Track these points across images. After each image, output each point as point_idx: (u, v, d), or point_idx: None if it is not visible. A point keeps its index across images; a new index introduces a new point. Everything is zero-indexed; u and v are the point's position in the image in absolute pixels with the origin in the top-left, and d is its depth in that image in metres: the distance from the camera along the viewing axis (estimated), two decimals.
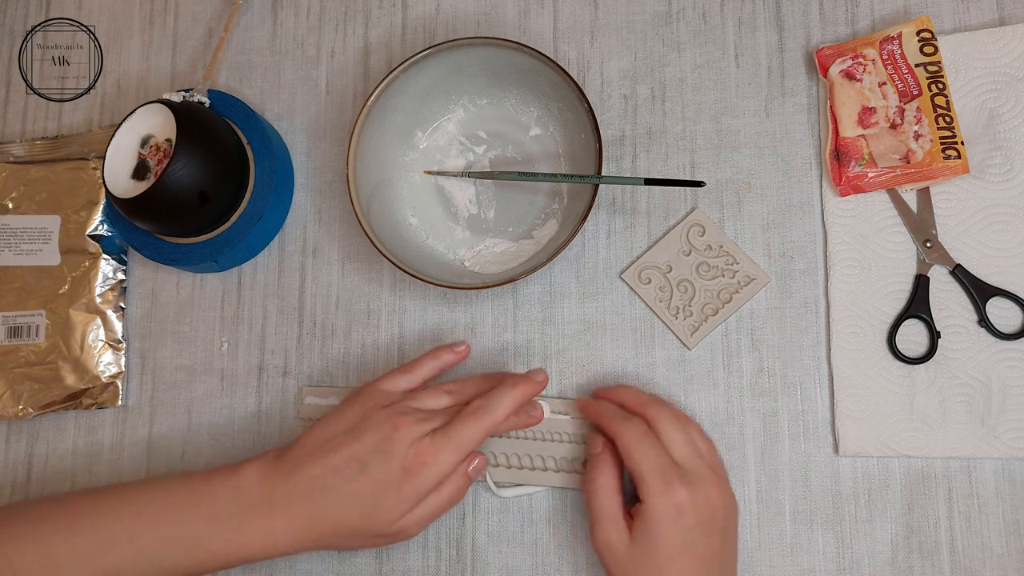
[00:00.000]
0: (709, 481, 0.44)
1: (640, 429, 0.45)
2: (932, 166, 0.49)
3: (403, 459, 0.44)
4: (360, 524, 0.45)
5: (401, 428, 0.45)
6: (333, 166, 0.59)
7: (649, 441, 0.45)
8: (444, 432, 0.45)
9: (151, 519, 0.45)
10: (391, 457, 0.44)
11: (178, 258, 0.56)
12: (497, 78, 0.55)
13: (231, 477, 0.46)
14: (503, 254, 0.55)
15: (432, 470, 0.44)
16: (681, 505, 0.43)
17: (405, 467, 0.44)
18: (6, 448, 0.59)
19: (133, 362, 0.59)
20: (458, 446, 0.44)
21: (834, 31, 0.54)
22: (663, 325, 0.53)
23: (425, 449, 0.44)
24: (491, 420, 0.45)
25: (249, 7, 0.62)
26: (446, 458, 0.44)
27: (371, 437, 0.45)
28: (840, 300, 0.51)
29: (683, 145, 0.55)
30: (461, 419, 0.45)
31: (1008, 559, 0.47)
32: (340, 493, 0.44)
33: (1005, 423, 0.48)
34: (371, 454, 0.44)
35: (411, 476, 0.44)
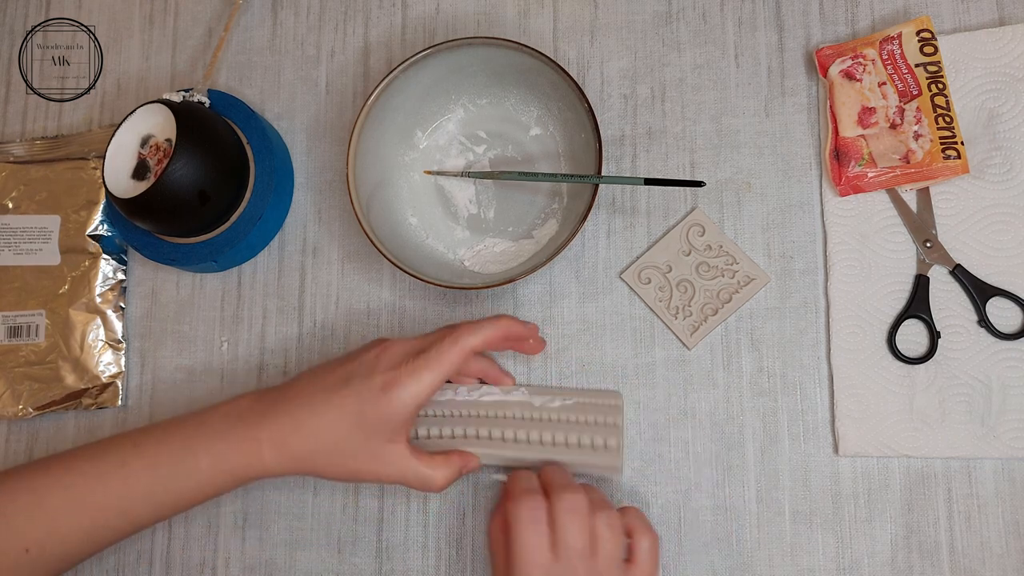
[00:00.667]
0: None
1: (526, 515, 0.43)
2: (932, 166, 0.50)
3: (383, 376, 0.45)
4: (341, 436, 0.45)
5: (386, 350, 0.46)
6: (333, 166, 0.59)
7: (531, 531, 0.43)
8: (424, 353, 0.45)
9: (144, 446, 0.46)
10: (372, 374, 0.45)
11: (178, 258, 0.56)
12: (497, 78, 0.55)
13: (226, 402, 0.48)
14: (503, 254, 0.55)
15: (408, 388, 0.44)
16: None
17: (384, 383, 0.45)
18: (6, 448, 0.59)
19: (133, 362, 0.59)
20: (438, 366, 0.45)
21: (834, 31, 0.54)
22: (663, 325, 0.53)
23: (405, 367, 0.45)
24: (467, 342, 0.46)
25: (249, 7, 0.62)
26: (424, 377, 0.45)
27: (359, 357, 0.47)
28: (840, 300, 0.51)
29: (683, 145, 0.55)
30: (438, 341, 0.46)
31: (1008, 559, 0.47)
32: (324, 404, 0.45)
33: (1005, 423, 0.48)
34: (355, 370, 0.46)
35: (388, 393, 0.44)
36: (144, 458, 0.46)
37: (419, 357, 0.45)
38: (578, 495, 0.44)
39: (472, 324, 0.47)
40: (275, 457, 0.46)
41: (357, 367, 0.46)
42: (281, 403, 0.47)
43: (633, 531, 0.45)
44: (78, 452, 0.48)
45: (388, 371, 0.45)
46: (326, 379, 0.47)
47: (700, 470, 0.51)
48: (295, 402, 0.46)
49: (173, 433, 0.47)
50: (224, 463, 0.46)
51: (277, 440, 0.46)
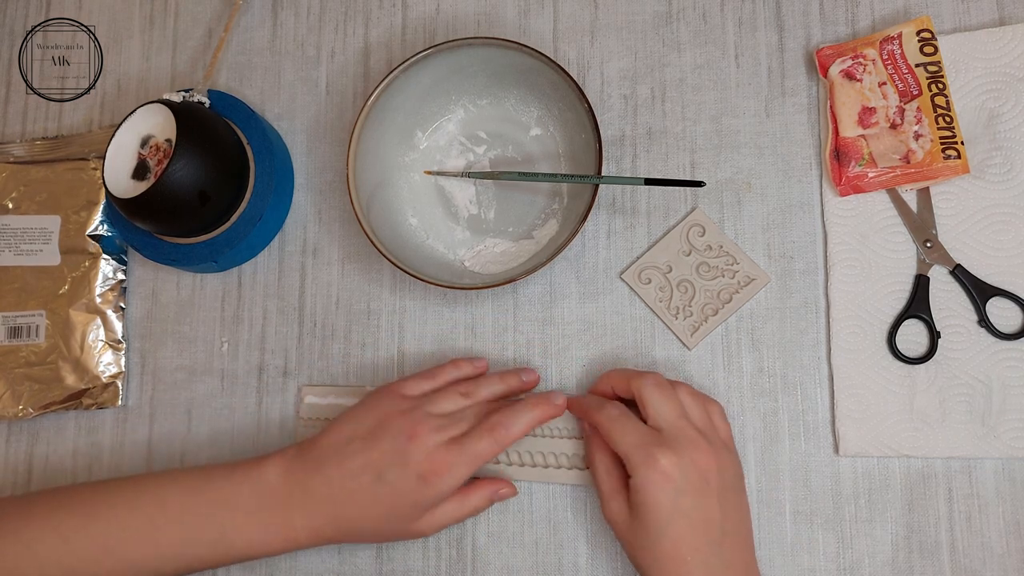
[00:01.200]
0: (695, 445, 0.44)
1: (613, 412, 0.46)
2: (932, 166, 0.50)
3: (418, 468, 0.45)
4: (376, 527, 0.47)
5: (417, 437, 0.45)
6: (333, 166, 0.59)
7: (622, 420, 0.45)
8: (460, 445, 0.45)
9: (173, 512, 0.46)
10: (406, 466, 0.45)
11: (178, 258, 0.56)
12: (497, 78, 0.55)
13: (252, 472, 0.47)
14: (503, 254, 0.55)
15: (446, 481, 0.45)
16: (664, 472, 0.42)
17: (420, 475, 0.45)
18: (6, 448, 0.59)
19: (133, 362, 0.59)
20: (472, 459, 0.45)
21: (834, 31, 0.54)
22: (663, 325, 0.53)
23: (440, 460, 0.45)
24: (506, 437, 0.46)
25: (249, 7, 0.62)
26: (461, 471, 0.45)
27: (388, 444, 0.46)
28: (840, 300, 0.51)
29: (683, 145, 0.55)
30: (477, 433, 0.46)
31: (1008, 559, 0.47)
32: (359, 498, 0.46)
33: (1005, 423, 0.48)
34: (388, 462, 0.45)
35: (426, 485, 0.45)
36: (173, 523, 0.46)
37: (453, 449, 0.45)
38: (647, 377, 0.46)
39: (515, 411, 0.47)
40: (309, 540, 0.47)
41: (388, 458, 0.45)
42: (312, 488, 0.46)
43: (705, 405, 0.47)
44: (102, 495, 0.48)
45: (423, 463, 0.45)
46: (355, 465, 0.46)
47: None
48: (327, 488, 0.46)
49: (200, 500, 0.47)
50: (259, 546, 0.47)
51: (312, 529, 0.47)
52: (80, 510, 0.47)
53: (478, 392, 0.49)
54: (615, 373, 0.49)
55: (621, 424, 0.45)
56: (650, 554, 0.43)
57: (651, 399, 0.45)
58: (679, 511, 0.42)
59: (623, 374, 0.48)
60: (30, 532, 0.46)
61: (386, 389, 0.49)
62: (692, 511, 0.43)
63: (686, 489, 0.43)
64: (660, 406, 0.45)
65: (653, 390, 0.46)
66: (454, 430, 0.46)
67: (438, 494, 0.45)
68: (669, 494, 0.42)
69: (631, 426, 0.45)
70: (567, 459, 0.51)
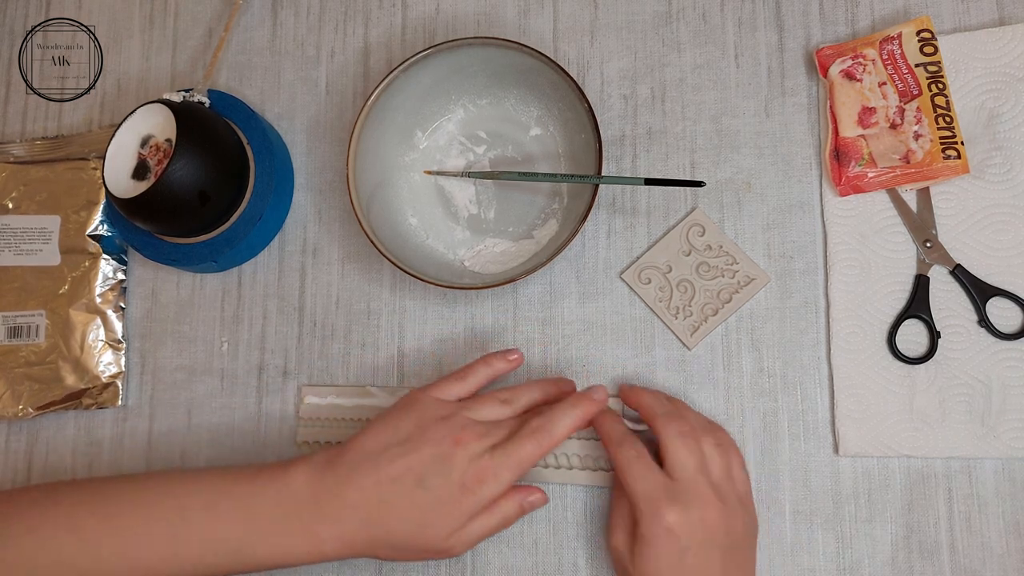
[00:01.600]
0: (706, 503, 0.43)
1: (632, 453, 0.44)
2: (932, 166, 0.50)
3: (462, 476, 0.43)
4: (412, 537, 0.44)
5: (461, 444, 0.44)
6: (333, 166, 0.59)
7: (638, 464, 0.44)
8: (504, 450, 0.44)
9: (194, 517, 0.45)
10: (450, 472, 0.43)
11: (178, 258, 0.56)
12: (497, 78, 0.55)
13: (277, 478, 0.45)
14: (503, 254, 0.55)
15: (490, 487, 0.44)
16: (670, 529, 0.42)
17: (463, 484, 0.43)
18: (6, 448, 0.59)
19: (133, 362, 0.59)
20: (517, 465, 0.44)
21: (834, 31, 0.54)
22: (663, 325, 0.53)
23: (485, 467, 0.44)
24: (550, 440, 0.45)
25: (249, 7, 0.62)
26: (505, 476, 0.44)
27: (430, 450, 0.44)
28: (840, 300, 0.51)
29: (683, 145, 0.55)
30: (520, 438, 0.44)
31: (1008, 559, 0.47)
32: (396, 505, 0.44)
33: (1005, 423, 0.48)
34: (430, 468, 0.44)
35: (468, 493, 0.43)
36: (194, 529, 0.44)
37: (497, 455, 0.44)
38: (673, 423, 0.45)
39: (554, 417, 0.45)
40: (336, 551, 0.44)
41: (430, 464, 0.44)
42: (343, 495, 0.44)
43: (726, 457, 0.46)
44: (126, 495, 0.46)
45: (467, 470, 0.43)
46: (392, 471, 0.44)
47: None
48: (360, 495, 0.44)
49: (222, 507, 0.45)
50: (282, 556, 0.44)
51: (341, 538, 0.44)
52: (100, 510, 0.45)
53: (518, 401, 0.48)
54: (647, 398, 0.48)
55: (636, 468, 0.44)
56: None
57: (672, 448, 0.44)
58: (680, 568, 0.42)
59: (653, 405, 0.47)
60: (47, 530, 0.44)
61: (420, 393, 0.48)
62: (693, 569, 0.42)
63: (690, 547, 0.42)
64: (680, 457, 0.44)
65: (675, 440, 0.44)
66: (496, 436, 0.45)
67: (479, 501, 0.44)
68: (672, 552, 0.42)
69: (645, 472, 0.44)
70: (567, 459, 0.51)
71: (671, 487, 0.43)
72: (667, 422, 0.45)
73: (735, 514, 0.44)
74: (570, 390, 0.50)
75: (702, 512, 0.42)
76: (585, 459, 0.51)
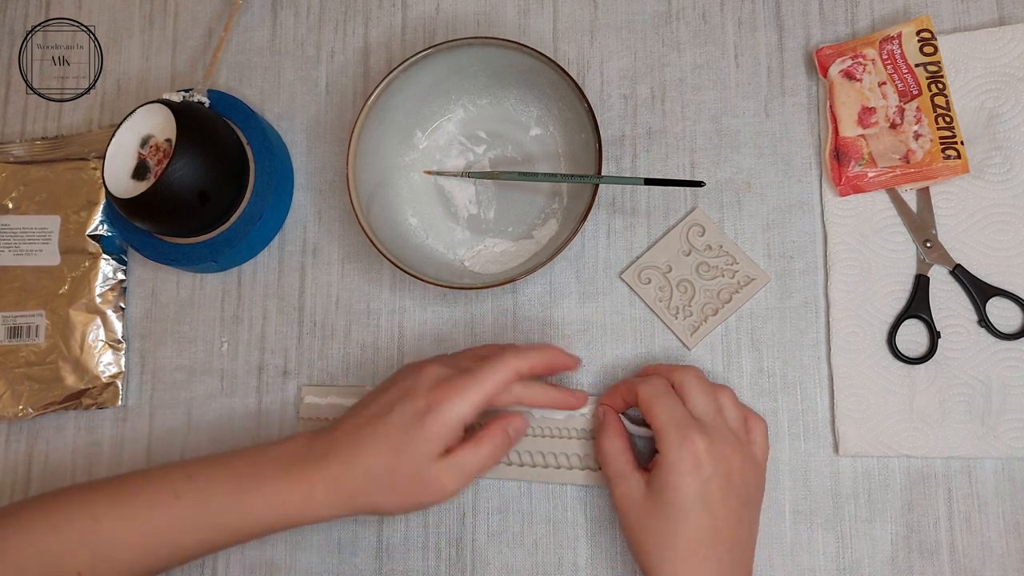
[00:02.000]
0: (729, 442, 0.44)
1: (660, 385, 0.45)
2: (932, 166, 0.50)
3: (428, 396, 0.44)
4: (392, 468, 0.44)
5: (426, 369, 0.46)
6: (333, 166, 0.59)
7: (667, 397, 0.45)
8: (469, 371, 0.45)
9: (197, 479, 0.46)
10: (416, 395, 0.45)
11: (178, 258, 0.56)
12: (497, 78, 0.55)
13: (278, 443, 0.48)
14: (503, 254, 0.55)
15: (456, 405, 0.44)
16: (697, 455, 0.42)
17: (428, 404, 0.44)
18: (6, 448, 0.59)
19: (133, 362, 0.59)
20: (482, 384, 0.44)
21: (834, 31, 0.54)
22: (663, 325, 0.53)
23: (447, 386, 0.44)
24: (518, 364, 0.45)
25: (249, 7, 0.62)
26: (472, 395, 0.44)
27: (401, 383, 0.46)
28: (840, 300, 0.51)
29: (683, 145, 0.55)
30: (488, 360, 0.45)
31: (1008, 559, 0.47)
32: (371, 436, 0.45)
33: (1005, 423, 0.48)
34: (398, 399, 0.45)
35: (434, 411, 0.44)
36: (197, 492, 0.46)
37: (463, 376, 0.45)
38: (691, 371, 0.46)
39: (520, 347, 0.47)
40: (328, 497, 0.45)
41: (398, 394, 0.46)
42: (330, 445, 0.46)
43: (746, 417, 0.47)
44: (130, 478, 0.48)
45: (431, 392, 0.44)
46: (368, 412, 0.46)
47: None
48: (343, 442, 0.46)
49: (224, 471, 0.47)
50: (277, 505, 0.45)
51: (330, 479, 0.45)
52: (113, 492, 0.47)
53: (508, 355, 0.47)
54: (660, 365, 0.49)
55: (664, 400, 0.44)
56: (664, 540, 0.42)
57: (692, 391, 0.45)
58: (705, 498, 0.42)
59: (667, 366, 0.48)
60: (60, 514, 0.46)
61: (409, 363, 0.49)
62: (716, 504, 0.42)
63: (714, 478, 0.42)
64: (699, 400, 0.45)
65: (695, 383, 0.46)
66: (464, 364, 0.46)
67: (449, 422, 0.44)
68: (697, 478, 0.42)
69: (673, 403, 0.44)
70: (567, 459, 0.51)
71: (696, 420, 0.44)
72: (685, 371, 0.46)
73: (753, 466, 0.45)
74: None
75: (725, 448, 0.43)
76: (585, 459, 0.51)
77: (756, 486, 0.45)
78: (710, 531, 0.42)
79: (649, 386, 0.46)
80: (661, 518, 0.43)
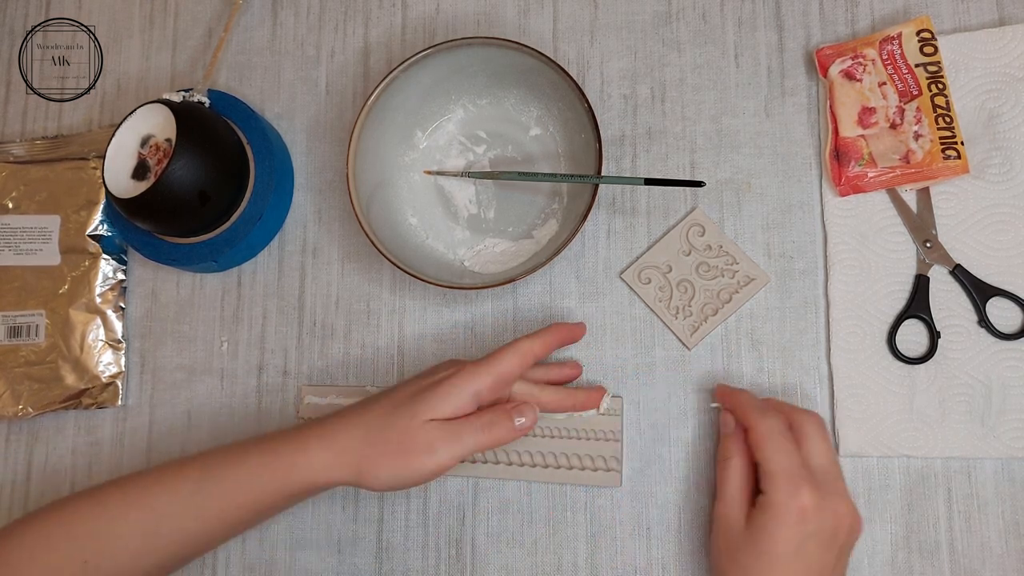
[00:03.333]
0: (840, 496, 0.43)
1: (778, 426, 0.44)
2: (932, 166, 0.49)
3: (443, 373, 0.46)
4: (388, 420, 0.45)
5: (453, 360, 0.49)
6: (333, 166, 0.59)
7: (782, 439, 0.44)
8: (483, 359, 0.47)
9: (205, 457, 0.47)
10: (435, 373, 0.47)
11: (178, 258, 0.56)
12: (497, 78, 0.55)
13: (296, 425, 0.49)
14: (503, 254, 0.55)
15: (467, 379, 0.45)
16: (805, 511, 0.41)
17: (443, 378, 0.46)
18: (6, 448, 0.59)
19: (133, 362, 0.59)
20: (496, 363, 0.46)
21: (834, 31, 0.54)
22: (663, 325, 0.53)
23: (462, 369, 0.46)
24: (530, 344, 0.47)
25: (249, 7, 0.62)
26: (483, 373, 0.46)
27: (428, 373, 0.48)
28: (840, 300, 0.51)
29: (683, 145, 0.55)
30: (499, 350, 0.47)
31: (1008, 559, 0.47)
32: (378, 400, 0.47)
33: (1005, 423, 0.48)
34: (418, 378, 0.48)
35: (445, 382, 0.45)
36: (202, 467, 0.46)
37: (480, 360, 0.47)
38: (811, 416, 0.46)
39: (531, 334, 0.48)
40: (322, 454, 0.45)
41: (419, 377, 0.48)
42: (338, 412, 0.48)
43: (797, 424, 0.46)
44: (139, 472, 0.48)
45: (447, 370, 0.47)
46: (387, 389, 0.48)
47: (700, 470, 0.51)
48: (351, 408, 0.47)
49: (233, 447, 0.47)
50: (272, 462, 0.45)
51: (326, 435, 0.45)
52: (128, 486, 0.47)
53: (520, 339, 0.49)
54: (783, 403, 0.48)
55: (779, 442, 0.43)
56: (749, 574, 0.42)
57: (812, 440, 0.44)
58: (801, 553, 0.41)
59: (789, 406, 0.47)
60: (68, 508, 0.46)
61: None
62: (813, 559, 0.42)
63: (816, 535, 0.42)
64: (819, 448, 0.44)
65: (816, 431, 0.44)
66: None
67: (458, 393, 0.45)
68: (798, 533, 0.41)
69: (788, 447, 0.43)
70: (567, 459, 0.51)
71: (810, 471, 0.43)
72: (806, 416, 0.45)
73: (856, 517, 0.44)
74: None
75: (836, 505, 0.42)
76: (585, 459, 0.51)
77: (856, 534, 0.44)
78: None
79: (766, 424, 0.44)
80: (752, 557, 0.42)
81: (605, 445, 0.51)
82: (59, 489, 0.57)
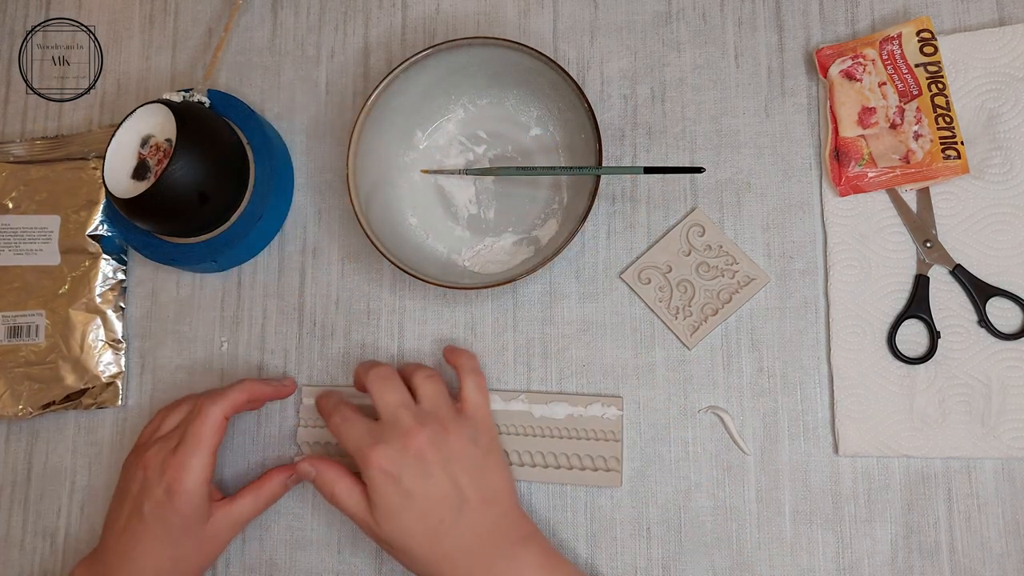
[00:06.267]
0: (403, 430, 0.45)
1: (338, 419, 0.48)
2: (932, 166, 0.50)
3: (161, 483, 0.47)
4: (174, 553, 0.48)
5: (147, 462, 0.48)
6: (333, 166, 0.59)
7: (347, 424, 0.47)
8: (183, 440, 0.48)
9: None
10: (152, 487, 0.47)
11: (178, 258, 0.56)
12: (497, 78, 0.55)
13: None
14: (503, 254, 0.55)
15: (189, 476, 0.47)
16: (382, 468, 0.45)
17: (167, 488, 0.47)
18: (6, 448, 0.59)
19: (133, 362, 0.59)
20: (199, 447, 0.48)
21: (834, 31, 0.54)
22: (663, 325, 0.53)
23: (174, 463, 0.47)
24: (218, 411, 0.49)
25: (249, 7, 0.62)
26: (195, 461, 0.47)
27: (133, 482, 0.49)
28: (840, 300, 0.51)
29: (683, 145, 0.55)
30: (192, 423, 0.48)
31: (1008, 559, 0.47)
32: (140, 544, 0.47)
33: (1005, 423, 0.48)
34: (141, 496, 0.48)
35: (176, 492, 0.47)
36: None
37: (178, 450, 0.48)
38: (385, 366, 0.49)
39: (213, 395, 0.50)
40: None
41: (137, 492, 0.48)
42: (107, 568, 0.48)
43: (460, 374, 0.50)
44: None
45: (162, 477, 0.47)
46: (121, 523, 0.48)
47: (700, 470, 0.51)
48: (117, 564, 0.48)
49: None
50: None
51: None
52: None
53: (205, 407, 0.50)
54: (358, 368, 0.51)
55: (346, 428, 0.47)
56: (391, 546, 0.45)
57: (373, 391, 0.48)
58: (407, 501, 0.44)
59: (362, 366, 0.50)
60: None
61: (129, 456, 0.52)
62: (420, 496, 0.44)
63: (405, 475, 0.45)
64: (381, 396, 0.47)
65: (375, 381, 0.48)
66: (176, 438, 0.49)
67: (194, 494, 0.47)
68: (392, 487, 0.45)
69: (350, 428, 0.47)
70: (567, 459, 0.51)
71: (374, 429, 0.46)
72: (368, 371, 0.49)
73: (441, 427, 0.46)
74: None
75: (402, 440, 0.45)
76: (585, 459, 0.51)
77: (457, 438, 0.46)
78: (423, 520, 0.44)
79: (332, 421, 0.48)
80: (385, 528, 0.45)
81: (605, 445, 0.51)
82: (59, 489, 0.57)
